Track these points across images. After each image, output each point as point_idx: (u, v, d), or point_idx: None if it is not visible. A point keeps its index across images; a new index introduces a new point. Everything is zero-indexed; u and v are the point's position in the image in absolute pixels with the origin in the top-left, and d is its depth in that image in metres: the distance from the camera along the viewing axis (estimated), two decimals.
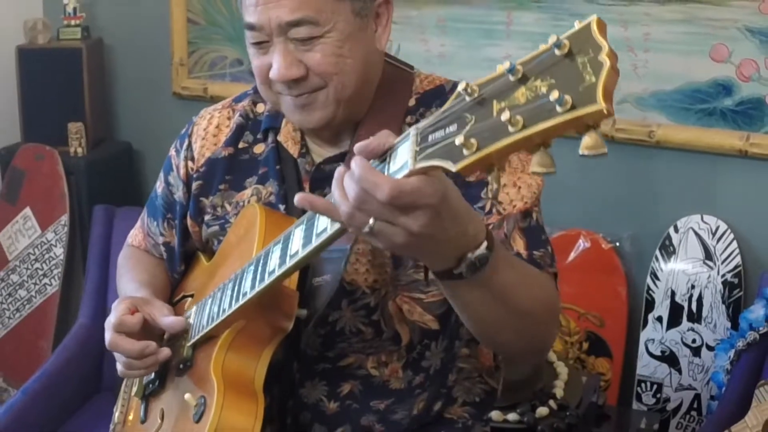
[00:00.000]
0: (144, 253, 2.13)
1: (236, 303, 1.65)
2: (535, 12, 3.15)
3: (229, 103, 1.99)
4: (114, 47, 3.83)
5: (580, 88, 1.07)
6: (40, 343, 3.63)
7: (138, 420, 1.90)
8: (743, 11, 2.89)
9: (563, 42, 1.10)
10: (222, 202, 1.91)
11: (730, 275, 2.99)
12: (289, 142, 1.86)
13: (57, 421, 3.07)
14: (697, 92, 2.99)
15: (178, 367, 1.80)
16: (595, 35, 1.09)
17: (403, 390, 1.85)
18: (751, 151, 2.94)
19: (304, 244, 1.49)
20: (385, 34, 1.78)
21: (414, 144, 1.27)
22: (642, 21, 3.02)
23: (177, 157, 1.99)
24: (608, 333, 3.14)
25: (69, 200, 3.60)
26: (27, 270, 3.63)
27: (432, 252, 1.41)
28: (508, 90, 1.15)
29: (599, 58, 1.07)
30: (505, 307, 1.54)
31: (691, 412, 3.06)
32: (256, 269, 1.63)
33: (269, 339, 1.70)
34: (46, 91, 3.62)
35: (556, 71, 1.11)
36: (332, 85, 1.70)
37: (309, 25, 1.66)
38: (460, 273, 1.42)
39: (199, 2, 3.63)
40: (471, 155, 1.16)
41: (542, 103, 1.10)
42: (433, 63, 3.24)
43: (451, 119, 1.22)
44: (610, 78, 1.06)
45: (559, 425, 2.72)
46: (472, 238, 1.41)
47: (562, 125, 1.08)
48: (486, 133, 1.15)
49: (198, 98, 3.66)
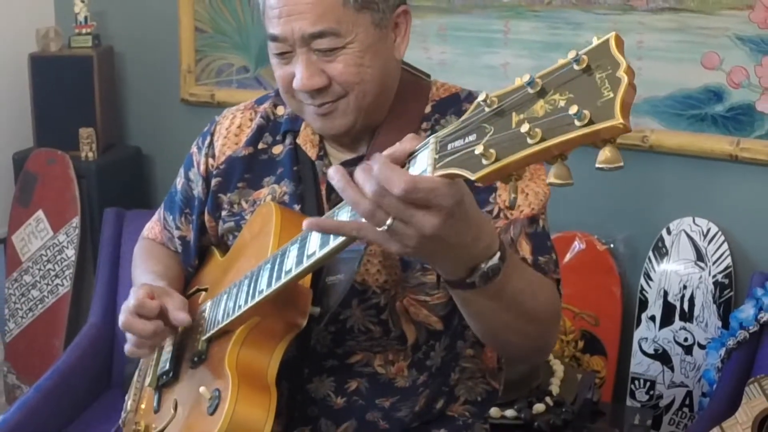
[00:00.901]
0: (159, 246, 2.13)
1: (252, 300, 1.65)
2: (532, 21, 3.15)
3: (251, 105, 2.00)
4: (124, 55, 3.83)
5: (599, 103, 1.08)
6: (52, 342, 3.63)
7: (151, 409, 1.90)
8: (733, 20, 2.89)
9: (582, 57, 1.11)
10: (239, 199, 1.92)
11: (720, 276, 2.99)
12: (308, 145, 1.87)
13: (68, 417, 3.07)
14: (688, 98, 3.00)
15: (193, 359, 1.80)
16: (614, 51, 1.09)
17: (408, 388, 1.85)
18: (742, 156, 2.94)
19: (321, 246, 1.49)
20: (403, 43, 1.80)
21: (433, 152, 1.27)
22: (636, 29, 3.02)
23: (198, 153, 2.00)
24: (603, 332, 3.15)
25: (80, 203, 3.60)
26: (39, 271, 3.64)
27: (445, 258, 1.41)
28: (527, 102, 1.15)
29: (617, 74, 1.08)
30: (513, 313, 1.55)
31: (683, 408, 3.06)
32: (272, 268, 1.62)
33: (282, 335, 1.70)
34: (57, 98, 3.62)
35: (575, 86, 1.11)
36: (353, 94, 1.71)
37: (331, 36, 1.67)
38: (473, 282, 1.43)
39: (207, 11, 3.63)
40: (490, 165, 1.17)
41: (561, 116, 1.10)
42: (434, 70, 3.21)
43: (470, 129, 1.22)
44: (627, 94, 1.07)
45: (555, 421, 2.72)
46: (485, 247, 1.41)
47: (580, 139, 1.09)
48: (505, 144, 1.16)
49: (205, 104, 3.66)
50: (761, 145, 2.92)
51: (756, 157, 2.93)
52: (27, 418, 2.90)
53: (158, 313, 1.78)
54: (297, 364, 1.79)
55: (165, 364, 1.87)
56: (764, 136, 2.92)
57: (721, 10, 2.91)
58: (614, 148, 1.10)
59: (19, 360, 3.67)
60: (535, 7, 3.14)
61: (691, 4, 2.94)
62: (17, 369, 3.68)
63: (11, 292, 3.67)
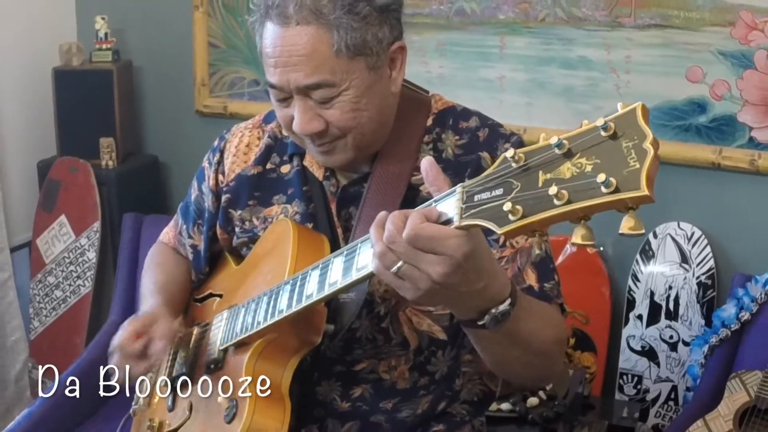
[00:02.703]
0: (170, 251, 2.12)
1: (271, 318, 1.63)
2: (526, 36, 3.15)
3: (259, 123, 1.95)
4: (142, 69, 3.83)
5: (625, 172, 1.07)
6: (74, 339, 3.63)
7: (165, 407, 1.89)
8: (716, 36, 2.90)
9: (609, 125, 1.11)
10: (250, 216, 1.90)
11: (704, 277, 2.99)
12: (314, 167, 1.83)
13: (89, 410, 3.06)
14: (674, 110, 3.00)
15: (209, 366, 1.78)
16: (640, 122, 1.09)
17: (408, 390, 1.83)
18: (724, 164, 2.95)
19: (343, 275, 1.48)
20: (399, 76, 1.73)
21: (460, 201, 1.26)
22: (624, 45, 3.02)
23: (209, 168, 1.98)
24: (593, 330, 3.14)
25: (101, 209, 3.60)
26: (62, 272, 3.63)
27: (456, 302, 1.41)
28: (554, 162, 1.15)
29: (644, 145, 1.07)
30: (521, 349, 1.54)
31: (668, 402, 3.06)
32: (293, 290, 1.60)
33: (297, 350, 1.69)
34: (79, 109, 3.62)
35: (601, 151, 1.11)
36: (351, 136, 1.68)
37: (326, 87, 1.62)
38: (484, 324, 1.42)
39: (220, 27, 3.63)
40: (516, 221, 1.16)
41: (588, 181, 1.10)
42: (433, 83, 3.24)
43: (497, 183, 1.21)
44: (653, 166, 1.07)
45: (548, 414, 2.72)
46: (496, 294, 1.40)
47: (606, 205, 1.10)
48: (531, 202, 1.15)
49: (218, 115, 3.66)
50: (742, 154, 2.93)
51: (737, 165, 2.93)
52: (50, 411, 2.91)
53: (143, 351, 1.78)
54: (308, 368, 1.78)
55: (181, 368, 1.85)
56: (745, 145, 2.92)
57: (704, 26, 2.91)
58: (635, 217, 1.10)
59: (43, 356, 3.67)
60: (529, 23, 3.14)
61: (676, 20, 2.95)
62: (41, 365, 3.68)
63: (36, 292, 3.67)
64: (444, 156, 1.76)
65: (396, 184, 1.74)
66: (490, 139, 1.77)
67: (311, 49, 1.60)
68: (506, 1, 3.16)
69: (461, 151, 1.77)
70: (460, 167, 1.74)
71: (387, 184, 1.74)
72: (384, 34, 1.65)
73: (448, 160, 1.76)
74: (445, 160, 1.76)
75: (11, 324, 3.63)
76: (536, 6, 3.12)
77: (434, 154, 1.76)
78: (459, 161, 1.75)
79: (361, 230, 1.71)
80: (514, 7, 3.15)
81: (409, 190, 1.74)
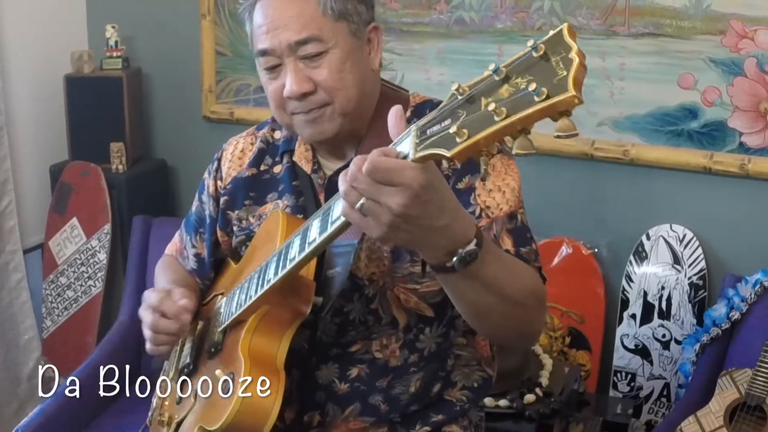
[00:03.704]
0: (177, 262, 2.15)
1: (261, 289, 1.67)
2: (522, 45, 3.09)
3: (252, 131, 2.03)
4: (151, 76, 3.84)
5: (554, 81, 1.13)
6: (86, 338, 3.63)
7: (174, 401, 1.91)
8: (707, 44, 2.90)
9: (539, 45, 1.16)
10: (247, 215, 1.94)
11: (695, 278, 3.00)
12: (303, 161, 1.89)
13: (100, 407, 3.07)
14: (666, 116, 3.00)
15: (210, 350, 1.82)
16: (566, 38, 1.15)
17: (400, 367, 1.85)
18: (715, 168, 2.95)
19: (320, 232, 1.51)
20: (377, 56, 1.83)
21: (414, 137, 1.32)
22: (618, 53, 3.03)
23: (209, 177, 2.04)
24: (588, 329, 3.15)
25: (111, 211, 3.60)
26: (74, 273, 3.64)
27: (421, 241, 1.42)
28: (494, 87, 1.20)
29: (569, 56, 1.13)
30: (496, 296, 1.55)
31: (661, 398, 3.07)
32: (278, 259, 1.65)
33: (290, 322, 1.72)
34: (90, 115, 3.62)
35: (534, 70, 1.16)
36: (337, 100, 1.74)
37: (315, 42, 1.71)
38: (453, 266, 1.44)
39: (226, 36, 3.64)
40: (463, 142, 1.21)
41: (522, 95, 1.15)
42: (433, 90, 3.24)
43: (445, 115, 1.26)
44: (578, 71, 1.12)
45: (544, 410, 2.73)
46: (461, 234, 1.42)
47: (540, 112, 1.14)
48: (475, 123, 1.20)
49: (225, 121, 3.67)
50: (732, 159, 2.93)
51: (727, 170, 2.94)
52: (62, 407, 2.91)
53: None
54: (306, 354, 1.81)
55: (186, 358, 1.90)
56: (735, 150, 2.93)
57: (695, 35, 2.91)
58: (569, 120, 1.14)
59: (56, 354, 3.67)
60: (526, 32, 3.15)
61: (669, 29, 2.95)
62: (54, 362, 3.68)
63: (48, 292, 3.68)
64: None
65: None
66: None
67: (300, 10, 1.72)
68: (504, 11, 3.17)
69: None
70: None
71: None
72: (362, 10, 1.78)
73: None
74: None
75: (24, 323, 3.64)
76: (533, 15, 3.13)
77: None
78: None
79: None
80: (511, 17, 3.16)
81: None
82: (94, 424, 3.03)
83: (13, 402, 3.60)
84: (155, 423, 1.97)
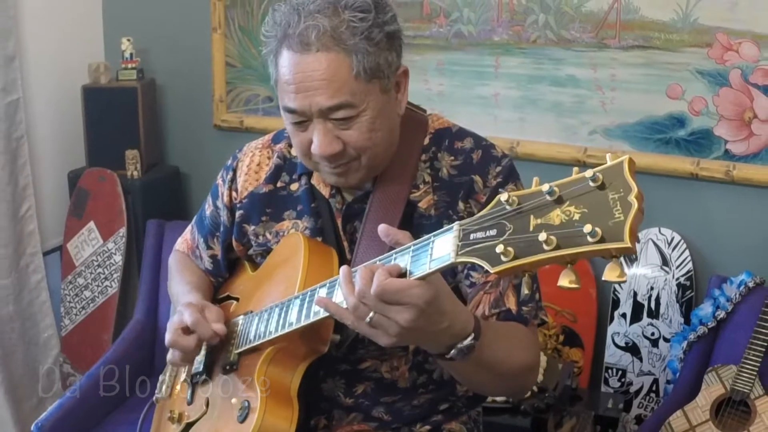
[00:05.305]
0: (189, 259, 2.12)
1: (282, 330, 1.64)
2: (519, 57, 3.17)
3: (268, 143, 1.94)
4: (164, 87, 3.84)
5: (610, 223, 1.07)
6: (102, 336, 3.63)
7: (185, 400, 1.90)
8: (694, 56, 2.91)
9: (597, 176, 1.10)
10: (264, 231, 1.89)
11: (683, 279, 3.00)
12: (321, 185, 1.83)
13: (115, 402, 3.07)
14: (655, 124, 3.01)
15: (225, 367, 1.78)
16: (626, 175, 1.09)
17: (408, 388, 1.84)
18: (701, 174, 2.96)
19: None
20: (404, 99, 1.73)
21: (457, 238, 1.27)
22: (609, 64, 3.03)
23: (223, 185, 1.97)
24: (580, 327, 3.15)
25: (126, 215, 3.60)
26: (91, 274, 3.64)
27: (425, 341, 1.46)
28: (545, 208, 1.15)
29: (629, 198, 1.08)
30: (491, 373, 1.57)
31: (650, 394, 3.07)
32: (302, 304, 1.61)
33: (305, 357, 1.71)
34: (106, 124, 3.63)
35: (589, 200, 1.11)
36: (365, 156, 1.67)
37: (347, 108, 1.60)
38: (452, 357, 1.46)
39: (236, 48, 3.65)
40: (508, 262, 1.17)
41: (576, 230, 1.10)
42: (433, 100, 3.26)
43: (491, 224, 1.21)
44: (636, 219, 1.07)
45: (539, 405, 2.73)
46: (460, 330, 1.44)
47: (591, 253, 1.09)
48: (522, 245, 1.16)
49: (235, 129, 3.68)
50: (718, 165, 2.93)
51: (713, 176, 2.94)
52: (79, 401, 2.91)
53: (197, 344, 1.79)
54: (314, 366, 1.77)
55: (199, 366, 1.83)
56: (721, 157, 2.93)
57: (683, 47, 2.92)
58: (619, 265, 1.10)
59: (73, 351, 3.68)
60: (522, 44, 3.15)
61: (658, 42, 2.96)
62: (71, 359, 3.69)
63: (66, 292, 3.68)
64: (440, 175, 1.76)
65: (396, 201, 1.74)
66: (483, 162, 1.76)
67: (332, 73, 1.58)
68: (501, 24, 3.17)
69: (456, 171, 1.76)
70: (454, 188, 1.75)
71: (387, 201, 1.74)
72: (393, 59, 1.65)
73: (443, 179, 1.76)
74: (441, 179, 1.76)
75: (44, 322, 3.64)
76: (528, 29, 3.13)
77: (431, 172, 1.76)
78: (453, 182, 1.76)
79: (365, 244, 1.72)
80: (508, 30, 3.17)
81: (408, 206, 1.74)
82: (110, 418, 3.03)
83: (32, 397, 3.61)
84: (165, 416, 1.95)
